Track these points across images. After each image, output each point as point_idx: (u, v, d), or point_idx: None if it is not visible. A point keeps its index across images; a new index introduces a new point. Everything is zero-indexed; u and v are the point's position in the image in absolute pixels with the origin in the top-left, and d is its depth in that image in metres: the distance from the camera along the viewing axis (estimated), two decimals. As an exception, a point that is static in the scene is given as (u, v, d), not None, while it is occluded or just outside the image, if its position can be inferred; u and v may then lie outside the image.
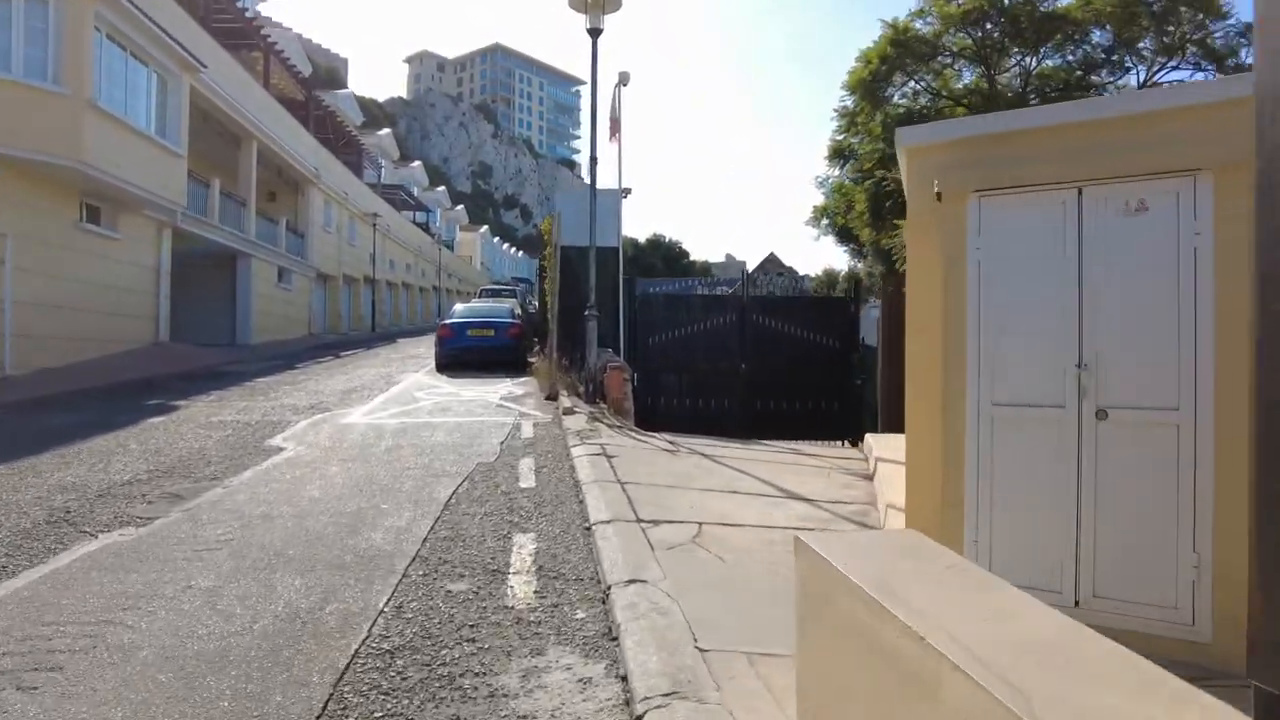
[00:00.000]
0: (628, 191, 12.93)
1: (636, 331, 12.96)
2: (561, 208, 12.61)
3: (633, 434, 8.21)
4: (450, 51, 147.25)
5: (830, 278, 66.66)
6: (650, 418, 11.40)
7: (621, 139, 11.73)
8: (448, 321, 15.30)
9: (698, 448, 7.52)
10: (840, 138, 12.54)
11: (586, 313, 10.11)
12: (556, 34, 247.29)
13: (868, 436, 8.73)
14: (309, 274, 26.63)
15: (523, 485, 5.49)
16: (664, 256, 65.25)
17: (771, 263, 37.25)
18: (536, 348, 17.13)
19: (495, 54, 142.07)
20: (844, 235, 36.29)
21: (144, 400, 10.32)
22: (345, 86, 60.27)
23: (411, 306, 43.38)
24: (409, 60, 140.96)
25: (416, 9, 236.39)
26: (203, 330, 21.25)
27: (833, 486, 6.12)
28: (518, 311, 18.01)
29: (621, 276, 12.93)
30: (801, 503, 5.39)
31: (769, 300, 13.08)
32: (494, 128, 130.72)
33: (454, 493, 5.27)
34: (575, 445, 6.88)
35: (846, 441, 13.42)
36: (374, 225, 33.46)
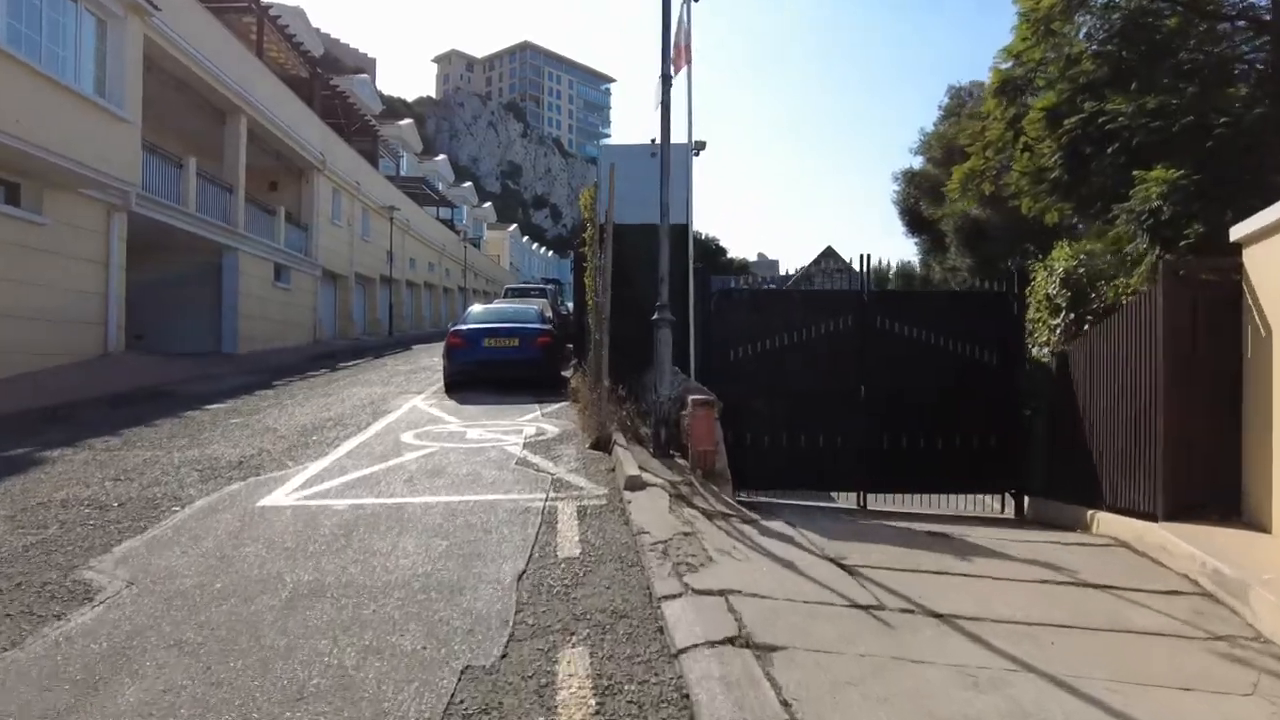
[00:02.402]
0: (700, 146, 9.37)
1: (712, 342, 9.39)
2: (609, 169, 9.09)
3: (757, 533, 4.62)
4: (479, 50, 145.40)
5: (880, 276, 62.41)
6: (733, 460, 7.81)
7: (692, 71, 8.16)
8: (460, 328, 11.89)
9: (901, 584, 3.89)
10: (1007, 66, 8.74)
11: (656, 317, 6.57)
12: (586, 31, 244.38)
13: (1190, 543, 5.02)
14: (314, 272, 23.54)
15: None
16: (701, 254, 61.63)
17: (829, 257, 33.33)
18: (574, 362, 13.64)
19: (525, 52, 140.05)
20: (917, 223, 32.10)
21: (1, 449, 7.01)
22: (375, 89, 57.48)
23: (435, 308, 40.36)
24: (437, 60, 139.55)
25: (445, 8, 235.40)
26: (182, 337, 18.24)
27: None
28: (548, 315, 14.56)
29: (692, 266, 9.35)
30: None
31: (898, 297, 9.45)
32: (523, 127, 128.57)
33: None
34: (671, 595, 3.32)
35: (1010, 494, 9.68)
36: (391, 219, 30.39)
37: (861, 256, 9.46)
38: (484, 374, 11.57)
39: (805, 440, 9.22)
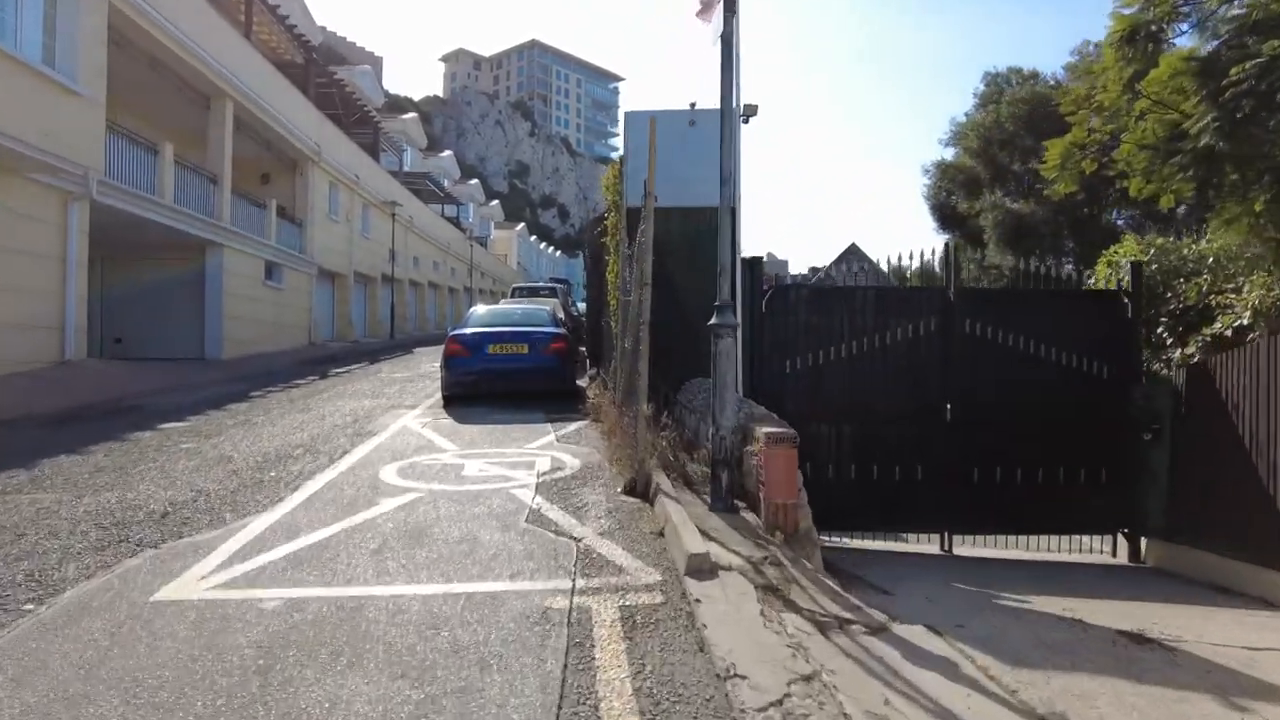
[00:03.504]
0: (751, 112, 7.75)
1: (765, 350, 7.76)
2: (648, 127, 7.53)
3: (900, 655, 3.00)
4: (487, 49, 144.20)
5: (898, 274, 60.79)
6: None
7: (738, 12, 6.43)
8: (460, 332, 10.28)
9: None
10: (1133, 10, 7.06)
11: (715, 322, 4.93)
12: (594, 29, 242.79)
13: None
14: (309, 270, 22.03)
15: None
16: (714, 253, 59.77)
17: (852, 255, 31.55)
18: (592, 371, 12.02)
19: (533, 50, 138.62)
20: (949, 219, 30.30)
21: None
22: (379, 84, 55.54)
23: (440, 309, 38.86)
24: (445, 59, 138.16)
25: (453, 7, 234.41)
26: (165, 341, 16.77)
27: None
28: (560, 316, 12.95)
29: (739, 258, 7.71)
30: None
31: (991, 297, 7.77)
32: (531, 126, 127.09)
33: None
34: None
35: (1122, 535, 8.01)
36: (393, 215, 28.87)
37: (946, 246, 7.84)
38: (488, 386, 9.98)
39: (879, 471, 7.58)
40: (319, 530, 4.51)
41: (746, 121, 7.80)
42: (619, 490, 5.37)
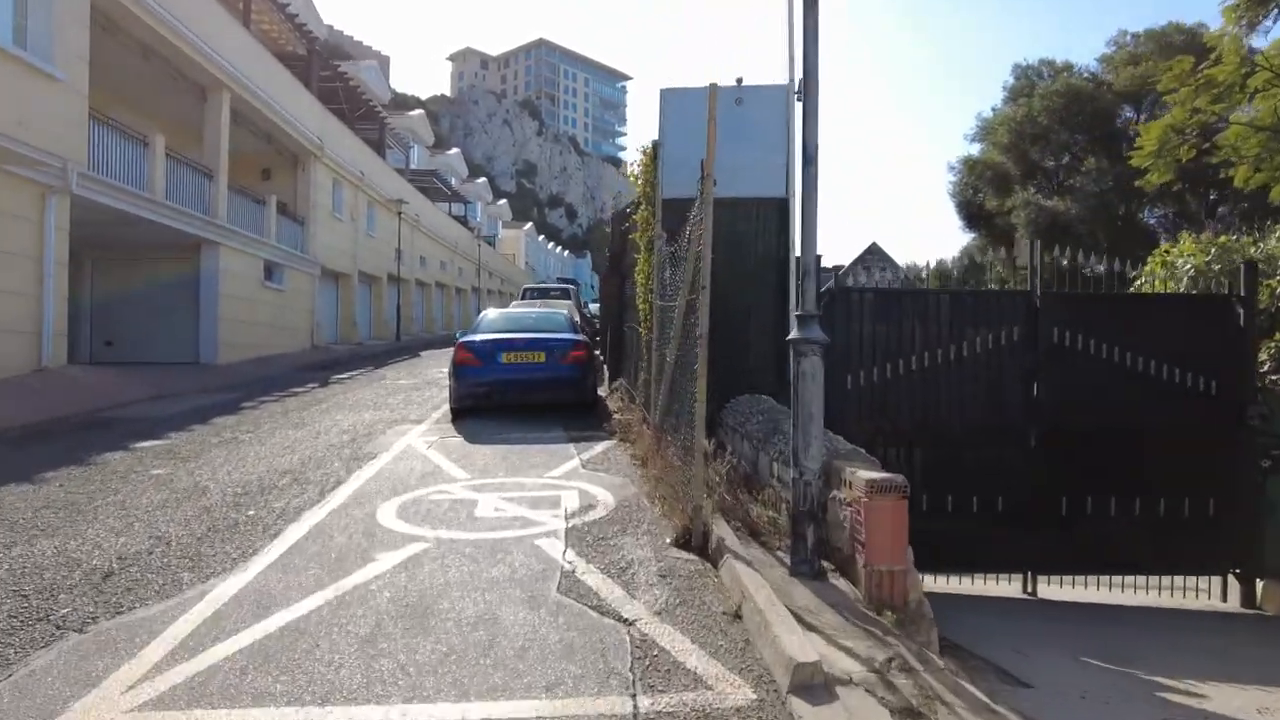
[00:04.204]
0: (808, 89, 6.69)
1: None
2: (679, 121, 6.56)
3: None
4: (494, 48, 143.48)
5: (913, 275, 59.70)
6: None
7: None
8: (471, 339, 9.31)
9: None
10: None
11: (797, 336, 3.90)
12: (602, 28, 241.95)
13: None
14: (311, 270, 21.13)
15: None
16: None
17: (873, 255, 30.50)
18: (616, 383, 11.01)
19: (540, 49, 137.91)
20: (975, 217, 29.17)
21: None
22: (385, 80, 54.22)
23: (447, 310, 37.94)
24: (452, 58, 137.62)
25: (461, 6, 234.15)
26: (158, 345, 15.90)
27: None
28: (577, 320, 11.99)
29: (793, 253, 6.74)
30: None
31: (1085, 303, 6.69)
32: (538, 125, 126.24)
33: None
34: None
35: (1234, 576, 6.98)
36: (399, 213, 27.96)
37: (1030, 243, 6.83)
38: (501, 398, 9.04)
39: (954, 502, 6.55)
40: (296, 602, 3.53)
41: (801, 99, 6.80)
42: (668, 541, 4.37)
